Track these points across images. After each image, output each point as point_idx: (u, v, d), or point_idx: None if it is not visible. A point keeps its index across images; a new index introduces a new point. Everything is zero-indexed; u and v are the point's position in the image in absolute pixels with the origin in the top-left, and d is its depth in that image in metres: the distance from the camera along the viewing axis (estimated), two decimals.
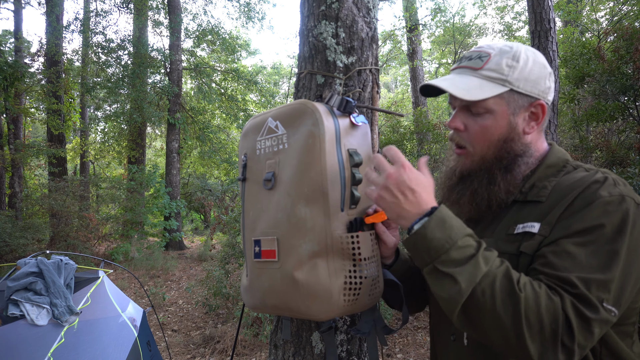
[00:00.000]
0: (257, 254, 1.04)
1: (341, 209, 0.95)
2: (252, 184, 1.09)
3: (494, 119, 0.89)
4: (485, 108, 0.88)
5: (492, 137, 0.89)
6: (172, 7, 11.45)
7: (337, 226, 0.94)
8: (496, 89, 0.87)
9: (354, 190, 0.97)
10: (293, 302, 0.96)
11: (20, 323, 2.43)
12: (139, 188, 10.66)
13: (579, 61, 5.91)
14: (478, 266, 0.74)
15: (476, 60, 0.90)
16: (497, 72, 0.87)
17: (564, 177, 0.86)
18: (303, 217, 0.95)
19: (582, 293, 0.70)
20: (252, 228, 1.07)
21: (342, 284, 0.93)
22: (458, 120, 0.92)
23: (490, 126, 0.89)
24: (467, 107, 0.91)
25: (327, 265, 0.94)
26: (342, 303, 0.93)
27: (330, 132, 0.95)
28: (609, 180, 0.80)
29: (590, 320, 0.69)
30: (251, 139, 1.11)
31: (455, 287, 0.73)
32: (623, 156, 5.38)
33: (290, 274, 0.95)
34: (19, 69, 9.49)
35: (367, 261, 0.97)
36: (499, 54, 0.89)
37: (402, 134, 7.54)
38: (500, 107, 0.88)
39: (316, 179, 0.93)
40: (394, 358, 3.90)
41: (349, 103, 0.99)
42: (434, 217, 0.78)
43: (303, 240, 0.94)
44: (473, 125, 0.90)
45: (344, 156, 0.97)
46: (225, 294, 5.18)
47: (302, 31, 1.26)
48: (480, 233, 0.92)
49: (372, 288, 0.99)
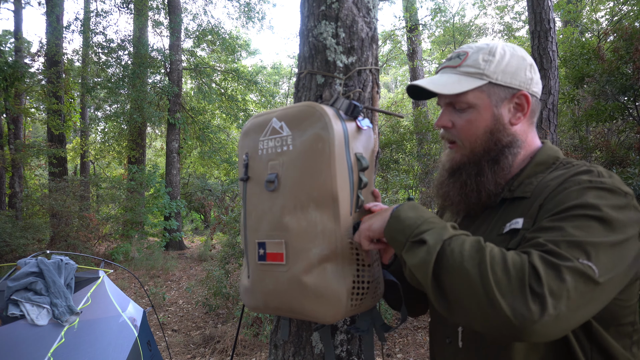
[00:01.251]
0: (261, 257, 1.03)
1: (350, 213, 0.96)
2: (253, 184, 1.09)
3: (477, 112, 0.91)
4: (467, 103, 0.91)
5: (478, 130, 0.92)
6: (172, 7, 11.45)
7: (346, 230, 0.95)
8: (474, 82, 0.90)
9: (359, 194, 0.98)
10: (298, 304, 0.97)
11: (20, 323, 2.43)
12: (139, 188, 10.66)
13: (579, 61, 5.91)
14: (446, 229, 0.77)
15: (455, 59, 0.94)
16: (474, 67, 0.91)
17: (551, 173, 0.87)
18: (313, 221, 0.95)
19: (550, 249, 0.68)
20: (255, 229, 1.06)
21: (350, 287, 0.94)
22: (445, 119, 0.95)
23: (474, 119, 0.92)
24: (452, 105, 0.94)
25: (336, 269, 0.94)
26: (349, 306, 0.94)
27: (339, 137, 0.95)
28: (594, 171, 0.79)
29: (559, 266, 0.66)
30: (253, 139, 1.09)
31: (423, 247, 0.76)
32: (623, 156, 5.38)
33: (299, 277, 0.95)
34: (19, 69, 9.49)
35: (370, 263, 0.99)
36: (476, 52, 0.92)
37: (402, 134, 7.54)
38: (482, 100, 0.91)
39: (326, 184, 0.94)
40: (394, 358, 3.90)
41: (356, 107, 1.00)
42: (405, 203, 0.86)
43: (313, 244, 0.94)
44: (459, 121, 0.93)
45: (352, 160, 0.97)
46: (225, 294, 5.18)
47: (302, 31, 1.26)
48: (473, 233, 0.92)
49: (375, 289, 1.01)
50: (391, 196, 5.84)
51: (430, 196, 6.58)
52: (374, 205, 1.02)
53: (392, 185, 6.18)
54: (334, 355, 1.12)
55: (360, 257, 0.96)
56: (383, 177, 6.67)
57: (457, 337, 0.91)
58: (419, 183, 6.74)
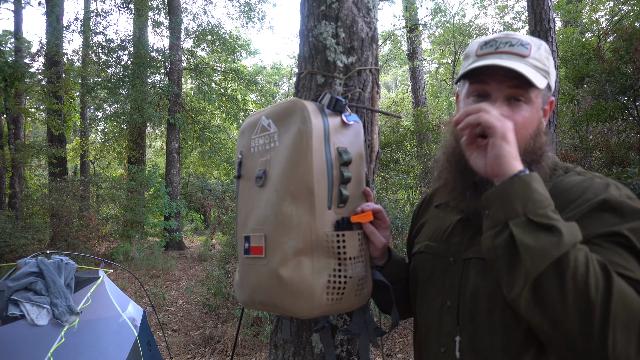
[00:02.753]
0: (246, 250, 1.05)
1: (328, 207, 0.95)
2: (245, 181, 1.11)
3: (531, 111, 0.83)
4: (529, 98, 0.83)
5: (528, 131, 0.83)
6: (172, 7, 11.45)
7: (322, 224, 0.94)
8: (543, 80, 0.83)
9: (342, 189, 0.97)
10: (278, 298, 0.96)
11: (20, 323, 2.43)
12: (139, 188, 10.66)
13: (579, 61, 5.92)
14: (577, 229, 0.68)
15: (520, 47, 0.83)
16: (541, 62, 0.84)
17: (558, 180, 0.85)
18: (289, 214, 0.95)
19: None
20: (244, 225, 1.08)
21: (325, 282, 0.93)
22: (502, 111, 0.82)
23: (530, 118, 0.83)
24: (509, 98, 0.84)
25: (312, 262, 0.93)
26: (325, 301, 0.93)
27: (318, 130, 0.95)
28: (609, 186, 0.78)
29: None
30: (246, 137, 1.12)
31: (554, 237, 0.65)
32: (623, 156, 5.38)
33: (276, 270, 0.95)
34: (19, 69, 9.49)
35: (352, 260, 0.96)
36: (538, 46, 0.84)
37: (402, 134, 7.54)
38: (538, 100, 0.85)
39: (302, 177, 0.93)
40: (394, 358, 3.90)
41: (338, 102, 0.99)
42: (534, 174, 0.72)
43: (288, 237, 0.94)
44: (512, 116, 0.82)
45: (332, 154, 0.96)
46: (225, 294, 5.18)
47: (302, 31, 1.26)
48: (471, 240, 0.90)
49: (359, 288, 0.99)
50: (391, 196, 5.84)
51: None
52: (367, 206, 0.99)
53: (392, 185, 6.17)
54: (334, 355, 1.11)
55: (341, 250, 0.95)
56: (383, 177, 6.67)
57: (455, 347, 0.87)
58: (419, 183, 6.74)
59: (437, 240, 0.99)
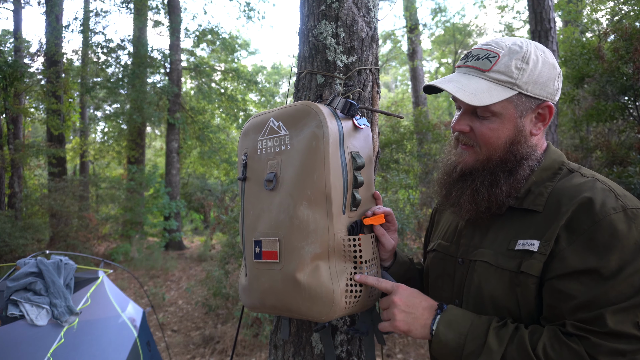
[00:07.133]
0: (257, 255, 1.04)
1: (343, 211, 0.95)
2: (252, 183, 1.09)
3: (501, 121, 0.86)
4: (491, 111, 0.86)
5: (499, 140, 0.87)
6: (172, 7, 11.44)
7: (339, 229, 0.94)
8: (505, 92, 0.84)
9: (355, 192, 0.97)
10: (293, 302, 0.96)
11: (19, 323, 2.43)
12: (138, 188, 10.65)
13: (579, 61, 5.91)
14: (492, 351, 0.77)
15: (484, 61, 0.86)
16: (505, 74, 0.84)
17: (560, 182, 0.85)
18: (305, 219, 0.94)
19: (611, 330, 0.69)
20: (253, 228, 1.06)
21: (344, 286, 0.94)
22: (463, 123, 0.90)
23: (497, 129, 0.87)
24: (473, 110, 0.88)
25: (329, 267, 0.94)
26: (344, 305, 0.93)
27: (334, 135, 0.95)
28: (609, 193, 0.77)
29: (625, 352, 0.68)
30: (252, 139, 1.10)
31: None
32: (623, 156, 5.38)
33: (292, 275, 0.95)
34: (18, 68, 9.47)
35: (368, 263, 0.97)
36: (508, 55, 0.84)
37: (402, 133, 7.53)
38: (508, 110, 0.85)
39: (319, 181, 0.93)
40: (394, 358, 3.90)
41: (352, 106, 0.99)
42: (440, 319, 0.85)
43: (305, 242, 0.94)
44: (479, 127, 0.88)
45: (347, 159, 0.96)
46: (225, 294, 5.18)
47: (302, 31, 1.26)
48: (478, 242, 0.91)
49: (372, 290, 1.00)
50: (391, 196, 5.83)
51: (430, 196, 6.57)
52: (378, 208, 1.01)
53: (392, 185, 6.16)
54: (334, 355, 1.11)
55: (357, 253, 0.95)
56: (383, 177, 6.66)
57: None
58: (419, 183, 6.74)
59: (449, 240, 1.02)
